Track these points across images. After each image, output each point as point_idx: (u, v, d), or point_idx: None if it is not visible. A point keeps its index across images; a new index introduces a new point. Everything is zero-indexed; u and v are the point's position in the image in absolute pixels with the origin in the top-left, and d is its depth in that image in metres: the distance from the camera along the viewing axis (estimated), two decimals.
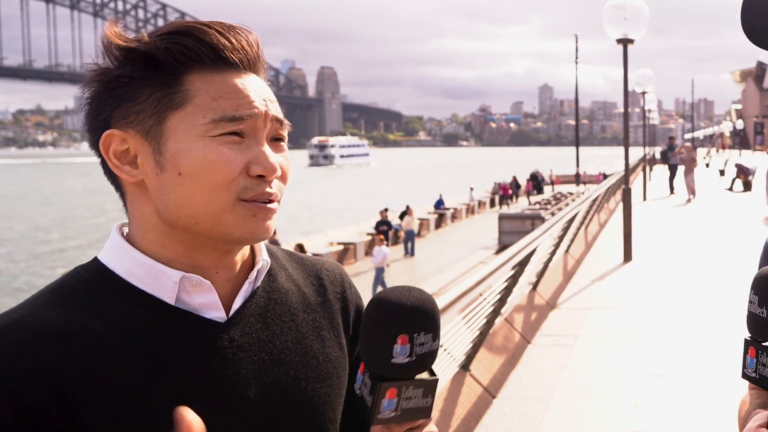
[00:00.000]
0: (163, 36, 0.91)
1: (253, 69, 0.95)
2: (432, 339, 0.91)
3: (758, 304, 1.02)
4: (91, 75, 0.92)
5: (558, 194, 34.61)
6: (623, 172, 12.41)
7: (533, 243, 6.36)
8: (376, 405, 0.89)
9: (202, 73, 0.90)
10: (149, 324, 0.89)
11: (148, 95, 0.90)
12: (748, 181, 23.39)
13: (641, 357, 6.16)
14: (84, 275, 0.92)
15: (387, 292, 0.92)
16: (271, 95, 0.95)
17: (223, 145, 0.89)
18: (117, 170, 0.92)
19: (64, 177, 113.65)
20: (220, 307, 0.94)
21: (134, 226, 0.94)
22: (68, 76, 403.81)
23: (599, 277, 9.67)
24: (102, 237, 35.00)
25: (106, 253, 0.94)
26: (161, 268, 0.91)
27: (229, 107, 0.90)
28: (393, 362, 0.89)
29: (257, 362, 0.94)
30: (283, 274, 1.03)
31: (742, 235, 12.94)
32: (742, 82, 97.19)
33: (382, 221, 22.37)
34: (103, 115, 0.92)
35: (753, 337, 1.03)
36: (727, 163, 30.89)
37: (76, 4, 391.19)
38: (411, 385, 0.90)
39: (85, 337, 0.86)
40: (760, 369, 1.02)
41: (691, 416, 4.84)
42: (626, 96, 11.62)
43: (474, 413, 4.83)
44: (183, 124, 0.89)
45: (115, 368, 0.86)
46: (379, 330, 0.90)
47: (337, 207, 45.95)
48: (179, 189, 0.89)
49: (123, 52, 0.91)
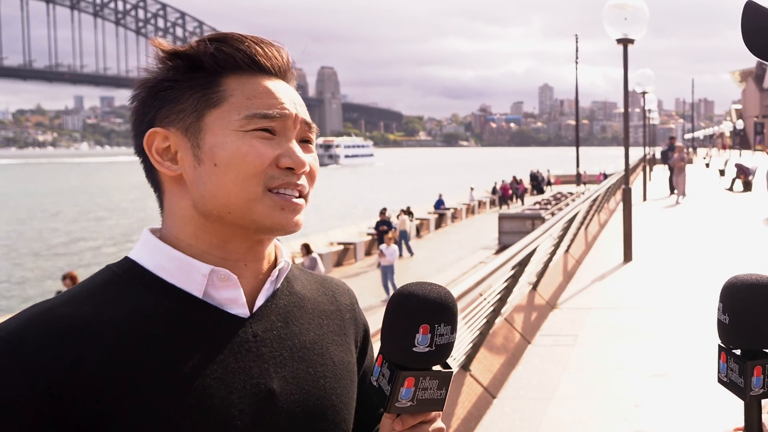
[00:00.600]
0: (204, 42, 0.99)
1: (283, 77, 1.03)
2: (450, 331, 0.96)
3: (722, 311, 1.06)
4: (138, 84, 1.01)
5: (558, 194, 34.61)
6: (623, 172, 12.41)
7: (533, 243, 6.36)
8: (395, 393, 0.94)
9: (238, 76, 0.99)
10: (177, 315, 0.94)
11: (188, 96, 0.98)
12: (748, 181, 23.39)
13: (641, 357, 6.16)
14: (115, 270, 0.98)
15: (410, 285, 0.98)
16: (300, 100, 1.03)
17: (255, 139, 0.96)
18: (158, 165, 0.99)
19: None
20: (244, 304, 0.99)
21: (170, 220, 1.00)
22: (68, 76, 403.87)
23: (599, 277, 9.67)
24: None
25: (137, 251, 1.00)
26: (192, 261, 0.97)
27: (261, 105, 0.98)
28: (414, 351, 0.94)
29: (278, 357, 1.00)
30: (298, 282, 1.10)
31: (742, 235, 12.94)
32: (742, 82, 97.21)
33: (382, 221, 22.34)
34: (147, 117, 1.00)
35: (722, 343, 1.08)
36: (727, 163, 30.88)
37: (76, 4, 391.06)
38: (428, 376, 0.95)
39: (113, 326, 0.91)
40: (729, 374, 1.06)
41: (691, 416, 4.84)
42: (626, 96, 11.62)
43: (474, 413, 4.84)
44: (219, 120, 0.97)
45: (143, 356, 0.90)
46: (403, 319, 0.95)
47: (342, 206, 45.94)
48: (214, 179, 0.96)
49: (170, 56, 0.99)
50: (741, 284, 1.06)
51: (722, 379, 1.07)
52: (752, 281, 1.06)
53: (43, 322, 0.89)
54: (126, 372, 0.89)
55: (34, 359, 0.86)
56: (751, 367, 1.03)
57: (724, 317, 1.06)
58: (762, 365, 1.03)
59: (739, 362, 1.04)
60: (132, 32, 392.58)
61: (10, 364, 0.86)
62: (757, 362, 1.03)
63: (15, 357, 0.86)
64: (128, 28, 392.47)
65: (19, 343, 0.87)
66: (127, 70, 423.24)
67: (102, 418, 0.87)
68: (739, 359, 1.04)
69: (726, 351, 1.07)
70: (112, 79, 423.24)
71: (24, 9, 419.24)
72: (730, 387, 1.06)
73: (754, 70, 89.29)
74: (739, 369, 1.04)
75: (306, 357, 1.02)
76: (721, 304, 1.07)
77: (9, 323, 0.90)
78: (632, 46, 11.13)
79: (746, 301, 1.04)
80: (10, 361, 0.86)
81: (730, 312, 1.05)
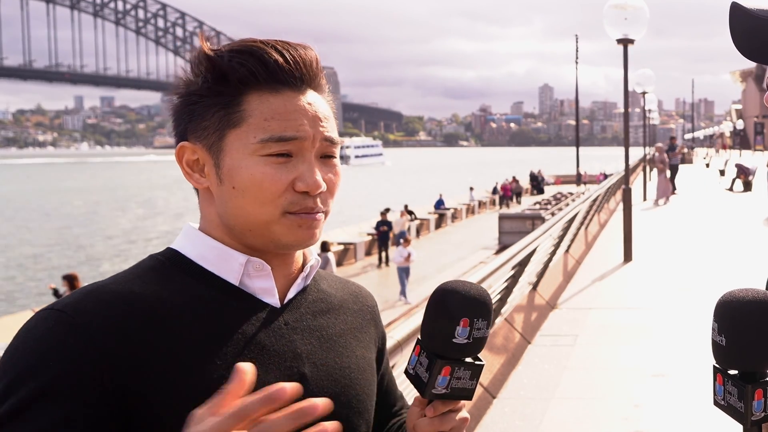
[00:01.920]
0: (231, 53, 0.99)
1: (310, 85, 1.02)
2: (486, 326, 1.04)
3: (718, 332, 0.99)
4: (174, 87, 1.04)
5: (558, 194, 34.60)
6: (623, 172, 12.41)
7: (533, 243, 6.36)
8: (432, 379, 1.02)
9: (260, 92, 0.99)
10: (216, 300, 1.00)
11: (212, 114, 1.00)
12: (748, 182, 23.40)
13: (641, 357, 6.16)
14: (160, 258, 1.04)
15: (451, 283, 1.06)
16: (325, 113, 1.02)
17: (269, 165, 0.98)
18: (188, 177, 1.04)
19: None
20: (276, 294, 1.04)
21: (204, 222, 1.06)
22: (68, 76, 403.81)
23: (599, 277, 9.67)
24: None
25: (179, 242, 1.05)
26: (230, 251, 1.02)
27: (277, 128, 0.98)
28: (454, 342, 1.02)
29: (308, 345, 1.05)
30: (325, 281, 1.15)
31: (742, 235, 12.95)
32: (742, 82, 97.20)
33: (382, 221, 22.34)
34: (180, 127, 1.04)
35: (718, 364, 1.00)
36: (727, 164, 30.89)
37: (76, 3, 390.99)
38: (462, 366, 1.04)
39: (159, 303, 0.96)
40: (727, 397, 0.98)
41: (691, 416, 4.84)
42: (626, 96, 11.62)
43: (474, 413, 4.84)
44: (237, 142, 0.99)
45: (188, 332, 0.96)
46: (446, 312, 1.03)
47: (352, 205, 45.92)
48: (234, 200, 1.00)
49: (203, 61, 1.00)
50: (737, 302, 0.97)
51: (719, 402, 1.00)
52: (749, 298, 0.97)
53: (97, 296, 0.94)
54: (171, 345, 0.94)
55: (89, 327, 0.91)
56: (752, 390, 0.95)
57: (720, 338, 0.98)
58: (763, 388, 0.96)
59: (738, 386, 0.96)
60: (132, 32, 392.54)
61: (67, 332, 0.90)
62: (758, 385, 0.96)
63: (72, 326, 0.90)
64: (128, 28, 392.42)
65: (74, 313, 0.92)
66: (127, 70, 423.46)
67: (148, 387, 0.91)
68: (737, 383, 0.97)
69: (722, 373, 0.99)
70: (112, 79, 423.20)
71: (24, 9, 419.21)
72: (728, 411, 0.99)
73: (755, 70, 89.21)
74: (738, 393, 0.96)
75: (333, 348, 1.08)
76: (716, 324, 0.99)
77: (65, 299, 0.95)
78: (632, 47, 11.13)
79: (744, 320, 0.96)
80: (66, 329, 0.90)
81: (727, 333, 0.97)
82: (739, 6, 1.05)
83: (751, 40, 1.05)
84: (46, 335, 0.90)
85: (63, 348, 0.89)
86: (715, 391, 1.01)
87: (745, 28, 1.05)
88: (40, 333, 0.91)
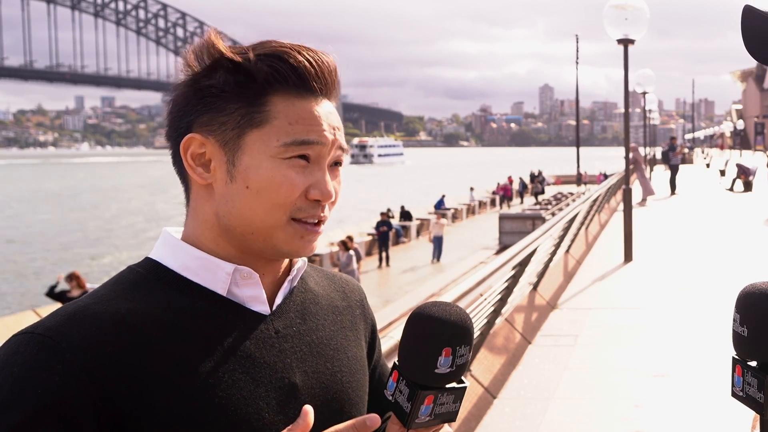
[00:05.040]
0: (261, 56, 0.98)
1: (328, 95, 1.02)
2: (468, 351, 1.00)
3: (740, 323, 1.00)
4: (183, 79, 1.00)
5: (558, 194, 34.60)
6: (624, 172, 12.41)
7: (534, 243, 6.36)
8: (415, 411, 0.98)
9: (285, 96, 0.98)
10: (204, 312, 0.97)
11: (234, 110, 0.97)
12: (748, 182, 23.38)
13: (642, 357, 6.16)
14: (139, 270, 1.00)
15: (429, 307, 1.01)
16: (339, 123, 1.03)
17: (291, 169, 0.97)
18: (191, 171, 1.00)
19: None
20: (265, 301, 1.02)
21: (193, 222, 1.02)
22: (69, 77, 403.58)
23: (600, 278, 9.67)
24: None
25: (159, 251, 1.02)
26: (216, 261, 0.99)
27: (302, 132, 0.98)
28: (436, 372, 0.97)
29: (299, 353, 1.03)
30: (311, 279, 1.13)
31: (742, 235, 12.94)
32: (742, 83, 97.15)
33: (382, 221, 22.34)
34: (188, 118, 0.99)
35: (738, 355, 1.01)
36: (727, 164, 30.88)
37: (77, 4, 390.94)
38: (446, 392, 0.99)
39: (144, 321, 0.93)
40: (746, 388, 1.00)
41: (691, 416, 4.84)
42: (626, 96, 11.62)
43: (474, 413, 4.84)
44: (259, 143, 0.97)
45: (176, 350, 0.93)
46: (427, 343, 0.98)
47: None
48: (244, 200, 0.98)
49: (225, 63, 0.97)
50: (760, 293, 0.99)
51: (737, 393, 1.01)
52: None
53: (80, 319, 0.91)
54: (161, 365, 0.92)
55: (76, 352, 0.88)
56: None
57: (742, 329, 0.99)
58: None
59: (758, 376, 0.97)
60: (133, 32, 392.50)
61: (53, 358, 0.87)
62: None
63: (57, 352, 0.88)
64: (129, 29, 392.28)
65: (59, 338, 0.89)
66: (127, 71, 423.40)
67: (140, 409, 0.89)
68: (758, 373, 0.98)
69: (742, 364, 1.00)
70: (113, 79, 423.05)
71: (25, 9, 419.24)
72: (747, 402, 1.00)
73: (755, 71, 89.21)
74: (758, 383, 0.97)
75: (323, 352, 1.06)
76: (738, 315, 1.00)
77: (45, 321, 0.92)
78: (633, 47, 11.13)
79: (767, 311, 0.97)
80: (51, 355, 0.87)
81: (749, 323, 0.98)
82: (752, 9, 1.04)
83: (762, 41, 1.04)
84: (30, 361, 0.87)
85: (50, 374, 0.86)
86: (734, 383, 1.01)
87: (759, 32, 1.04)
88: (24, 359, 0.87)
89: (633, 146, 23.16)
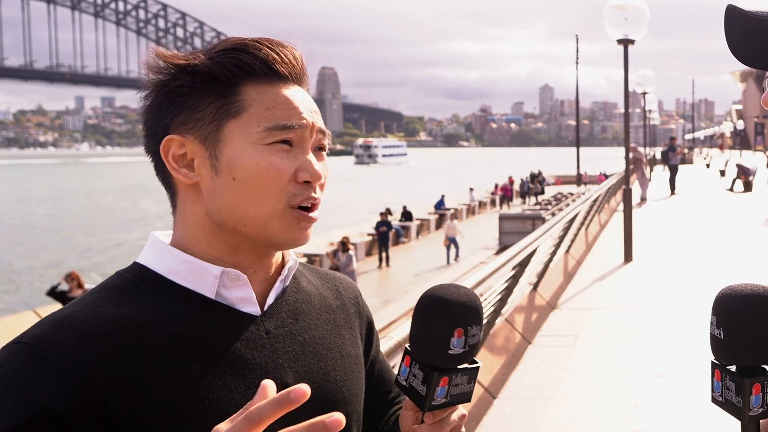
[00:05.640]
0: (220, 52, 0.98)
1: (299, 82, 1.02)
2: (479, 330, 1.00)
3: (716, 325, 0.98)
4: (151, 85, 0.99)
5: (559, 194, 34.60)
6: (624, 173, 12.41)
7: (534, 243, 6.37)
8: (431, 393, 0.98)
9: (256, 84, 0.98)
10: (192, 316, 0.97)
11: (207, 104, 0.97)
12: (748, 182, 23.38)
13: (642, 357, 6.17)
14: (127, 276, 0.99)
15: (438, 290, 1.01)
16: (315, 107, 1.03)
17: (274, 154, 0.97)
18: (174, 172, 0.99)
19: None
20: (255, 302, 1.01)
21: (182, 225, 1.01)
22: (69, 77, 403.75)
23: (600, 278, 9.67)
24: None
25: (146, 256, 1.01)
26: (202, 264, 0.98)
27: (281, 116, 0.97)
28: (449, 353, 0.97)
29: (290, 353, 1.03)
30: (304, 278, 1.12)
31: (742, 235, 12.94)
32: (742, 83, 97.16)
33: (382, 222, 22.33)
34: (163, 122, 0.99)
35: (716, 359, 0.99)
36: (727, 164, 30.88)
37: (77, 4, 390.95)
38: (460, 373, 1.00)
39: (132, 327, 0.93)
40: (725, 393, 0.97)
41: (691, 416, 4.84)
42: (626, 96, 11.62)
43: (474, 413, 4.84)
44: (238, 132, 0.97)
45: (164, 355, 0.93)
46: (438, 324, 0.98)
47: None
48: (233, 193, 0.97)
49: (179, 69, 0.98)
50: (736, 296, 0.97)
51: (717, 398, 0.99)
52: (748, 291, 0.96)
53: (68, 326, 0.91)
54: (149, 371, 0.91)
55: (63, 360, 0.88)
56: (749, 384, 0.94)
57: (718, 332, 0.97)
58: (761, 383, 0.95)
59: (736, 380, 0.96)
60: (133, 33, 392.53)
61: (41, 366, 0.87)
62: (756, 379, 0.95)
63: (45, 359, 0.87)
64: (129, 29, 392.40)
65: (47, 345, 0.88)
66: (127, 71, 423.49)
67: (128, 417, 0.89)
68: (735, 377, 0.96)
69: (720, 368, 0.98)
70: (113, 79, 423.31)
71: (25, 10, 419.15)
72: (726, 407, 0.98)
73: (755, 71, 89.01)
74: (736, 387, 0.96)
75: (316, 351, 1.05)
76: (714, 318, 0.98)
77: (32, 330, 0.91)
78: (633, 47, 11.13)
79: (742, 314, 0.95)
80: (40, 363, 0.87)
81: (725, 326, 0.96)
82: (735, 8, 1.00)
83: (749, 42, 1.01)
84: (20, 370, 0.87)
85: (39, 382, 0.86)
86: (713, 388, 0.99)
87: (742, 31, 1.01)
88: (13, 368, 0.87)
89: (633, 146, 23.18)
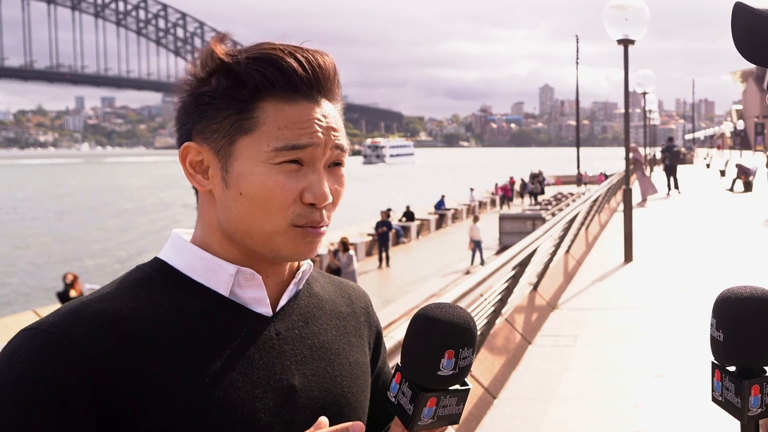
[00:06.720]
0: (248, 60, 0.98)
1: (325, 94, 1.02)
2: (471, 353, 0.99)
3: (716, 328, 1.00)
4: (182, 84, 1.02)
5: (559, 195, 34.61)
6: (624, 173, 12.41)
7: (534, 243, 6.37)
8: (418, 413, 0.98)
9: (274, 101, 0.98)
10: (205, 312, 0.99)
11: (224, 117, 0.98)
12: (748, 182, 23.38)
13: (642, 357, 6.17)
14: (146, 269, 1.02)
15: (432, 309, 1.00)
16: (337, 124, 1.02)
17: (282, 174, 0.97)
18: (190, 178, 1.02)
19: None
20: (268, 303, 1.03)
21: (201, 225, 1.04)
22: (69, 77, 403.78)
23: (600, 278, 9.67)
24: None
25: (166, 252, 1.04)
26: (219, 262, 1.01)
27: (291, 136, 0.97)
28: (439, 374, 0.97)
29: (299, 355, 1.04)
30: (317, 284, 1.14)
31: (742, 235, 12.94)
32: (743, 83, 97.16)
33: (382, 222, 22.34)
34: (186, 126, 1.02)
35: (716, 360, 1.02)
36: (727, 164, 30.88)
37: (77, 4, 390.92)
38: (449, 395, 0.99)
39: (148, 321, 0.95)
40: (725, 393, 1.00)
41: (691, 416, 4.84)
42: (627, 96, 11.61)
43: (474, 414, 4.84)
44: (249, 149, 0.97)
45: (174, 350, 0.94)
46: (429, 345, 0.97)
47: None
48: (239, 207, 0.98)
49: (218, 66, 0.98)
50: (735, 298, 0.99)
51: (717, 398, 1.01)
52: (747, 294, 0.99)
53: (83, 316, 0.93)
54: (159, 365, 0.93)
55: (76, 349, 0.90)
56: (748, 386, 0.97)
57: (718, 334, 1.00)
58: (760, 384, 0.97)
59: (735, 381, 0.98)
60: (133, 33, 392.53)
61: (54, 354, 0.89)
62: (754, 381, 0.97)
63: (58, 348, 0.89)
64: (129, 29, 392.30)
65: (61, 334, 0.90)
66: (128, 71, 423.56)
67: (137, 408, 0.91)
68: (735, 378, 0.98)
69: (720, 369, 1.01)
70: (113, 79, 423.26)
71: (25, 10, 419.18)
72: (726, 407, 1.00)
73: (755, 71, 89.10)
74: (736, 388, 0.98)
75: (324, 356, 1.06)
76: (714, 320, 1.01)
77: (48, 318, 0.93)
78: (633, 47, 11.13)
79: (741, 316, 0.98)
80: (53, 351, 0.89)
81: (725, 328, 0.99)
82: (742, 5, 1.02)
83: (752, 39, 1.02)
84: (33, 357, 0.89)
85: (51, 371, 0.88)
86: (713, 388, 1.02)
87: (746, 27, 1.02)
88: (27, 354, 0.89)
89: (633, 146, 23.18)
